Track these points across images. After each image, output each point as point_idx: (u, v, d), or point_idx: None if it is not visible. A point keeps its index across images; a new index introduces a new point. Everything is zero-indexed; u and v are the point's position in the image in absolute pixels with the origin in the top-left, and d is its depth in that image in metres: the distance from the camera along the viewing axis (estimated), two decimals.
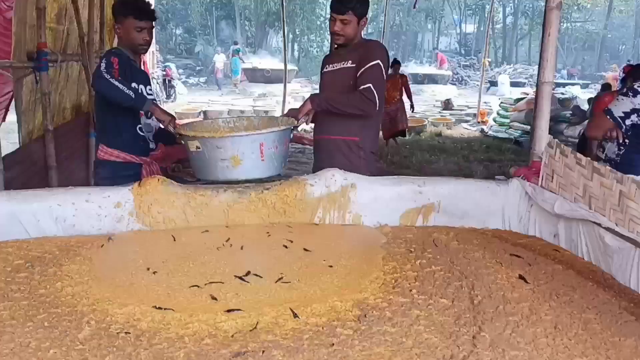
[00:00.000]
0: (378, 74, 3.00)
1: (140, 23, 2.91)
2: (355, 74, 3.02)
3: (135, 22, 2.90)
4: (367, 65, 2.98)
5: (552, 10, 2.56)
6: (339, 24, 2.96)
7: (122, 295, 1.87)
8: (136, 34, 2.93)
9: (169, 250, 2.28)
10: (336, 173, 2.68)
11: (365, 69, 2.98)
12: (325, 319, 1.71)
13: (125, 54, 2.99)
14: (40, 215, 2.41)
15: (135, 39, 2.95)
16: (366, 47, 3.08)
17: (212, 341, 1.58)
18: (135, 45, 2.99)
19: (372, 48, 3.07)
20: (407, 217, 2.70)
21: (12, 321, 1.68)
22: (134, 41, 2.96)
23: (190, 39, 35.39)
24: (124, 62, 2.91)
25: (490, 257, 2.25)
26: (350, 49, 3.09)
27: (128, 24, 2.91)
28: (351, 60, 3.05)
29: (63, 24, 5.02)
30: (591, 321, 1.72)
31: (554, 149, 2.49)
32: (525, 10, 39.78)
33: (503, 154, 10.06)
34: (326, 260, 2.19)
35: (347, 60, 3.07)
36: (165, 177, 2.64)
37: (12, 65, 3.63)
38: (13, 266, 2.10)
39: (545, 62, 2.61)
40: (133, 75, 2.98)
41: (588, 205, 2.25)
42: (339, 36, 3.01)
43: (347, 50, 3.10)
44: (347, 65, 3.06)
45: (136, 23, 2.90)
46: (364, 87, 2.94)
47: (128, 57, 2.99)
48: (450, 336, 1.60)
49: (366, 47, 3.08)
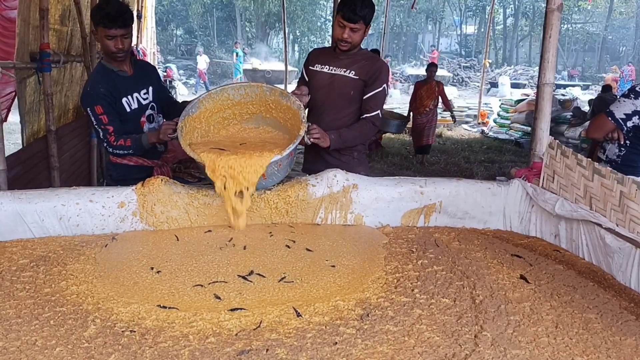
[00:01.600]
0: (384, 97, 3.06)
1: (110, 31, 2.76)
2: (358, 86, 3.01)
3: (105, 30, 2.76)
4: (376, 89, 2.99)
5: (552, 12, 2.57)
6: (349, 31, 2.91)
7: (126, 294, 1.89)
8: (107, 42, 2.80)
9: (172, 250, 2.29)
10: (338, 173, 2.70)
11: (374, 93, 2.99)
12: (328, 318, 1.73)
13: (108, 67, 2.92)
14: (45, 215, 2.42)
15: (107, 47, 2.82)
16: (373, 65, 3.02)
17: (217, 339, 1.59)
18: (109, 54, 2.88)
19: (380, 70, 3.02)
20: (409, 218, 2.71)
21: (18, 319, 1.70)
22: (106, 49, 2.85)
23: (191, 40, 35.40)
24: (107, 84, 2.85)
25: (492, 257, 2.27)
26: (351, 57, 3.04)
27: (100, 32, 2.80)
28: (354, 72, 3.00)
29: (67, 25, 5.04)
30: (592, 321, 1.74)
31: (555, 150, 2.50)
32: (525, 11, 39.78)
33: (503, 155, 10.07)
34: (328, 260, 2.21)
35: (349, 70, 3.01)
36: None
37: (15, 66, 3.64)
38: (18, 265, 2.12)
39: (546, 64, 2.62)
40: (121, 90, 2.91)
41: (589, 206, 2.26)
42: (346, 43, 2.95)
43: (348, 57, 3.04)
44: (349, 75, 3.01)
45: (106, 31, 2.76)
46: (374, 114, 2.99)
47: (111, 71, 2.92)
48: (452, 335, 1.62)
49: (373, 65, 3.02)
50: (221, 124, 2.84)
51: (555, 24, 2.58)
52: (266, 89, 2.76)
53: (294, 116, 2.69)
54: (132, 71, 3.01)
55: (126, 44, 2.85)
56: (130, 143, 2.84)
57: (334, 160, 3.06)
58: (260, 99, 2.80)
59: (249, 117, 2.87)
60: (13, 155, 3.80)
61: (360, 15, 2.85)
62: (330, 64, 3.08)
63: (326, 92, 3.07)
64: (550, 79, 2.64)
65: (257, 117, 2.87)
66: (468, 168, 8.69)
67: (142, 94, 3.03)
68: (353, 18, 2.85)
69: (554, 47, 2.61)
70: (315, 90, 3.08)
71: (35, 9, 4.05)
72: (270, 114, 2.83)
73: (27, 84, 4.09)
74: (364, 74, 3.00)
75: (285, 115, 2.77)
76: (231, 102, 2.80)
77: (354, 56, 3.04)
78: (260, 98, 2.80)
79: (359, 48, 3.07)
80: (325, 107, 3.07)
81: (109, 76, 2.91)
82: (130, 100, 2.96)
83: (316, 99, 3.07)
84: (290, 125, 2.76)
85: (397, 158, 9.32)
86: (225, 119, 2.84)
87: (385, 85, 3.03)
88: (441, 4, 41.06)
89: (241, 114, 2.86)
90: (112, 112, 2.85)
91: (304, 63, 3.30)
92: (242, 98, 2.80)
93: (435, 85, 8.80)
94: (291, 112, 2.71)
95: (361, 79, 3.00)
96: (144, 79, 3.08)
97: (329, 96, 3.06)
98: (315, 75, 3.13)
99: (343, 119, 3.03)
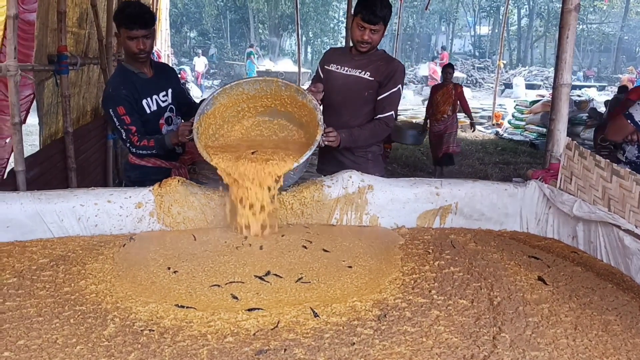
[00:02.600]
0: (398, 98, 3.05)
1: (132, 32, 2.80)
2: (372, 87, 3.00)
3: (127, 31, 2.81)
4: (391, 90, 2.98)
5: (569, 12, 2.56)
6: (369, 33, 2.90)
7: (144, 294, 1.91)
8: (129, 42, 2.84)
9: (188, 250, 2.31)
10: (353, 174, 2.70)
11: (389, 94, 2.98)
12: (345, 318, 1.73)
13: (129, 69, 2.96)
14: (64, 215, 2.45)
15: (130, 47, 2.86)
16: (389, 66, 3.01)
17: (235, 339, 1.60)
18: (131, 55, 2.92)
19: (395, 71, 3.00)
20: (424, 219, 2.71)
21: (39, 318, 1.73)
22: (128, 50, 2.90)
23: (204, 42, 35.59)
24: (128, 86, 2.89)
25: (509, 258, 2.26)
26: (367, 57, 3.03)
27: (122, 33, 2.85)
28: (369, 73, 2.99)
29: (84, 28, 5.10)
30: (611, 322, 1.72)
31: (573, 151, 2.48)
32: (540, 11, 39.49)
33: (518, 156, 9.99)
34: (345, 260, 2.21)
35: (364, 71, 3.00)
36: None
37: (33, 68, 3.69)
38: (38, 265, 2.15)
39: (562, 64, 2.61)
40: (141, 91, 2.95)
41: (607, 208, 2.24)
42: (366, 44, 2.94)
43: (364, 57, 3.03)
44: (364, 76, 3.00)
45: (128, 32, 2.81)
46: (387, 115, 2.98)
47: (132, 73, 2.96)
48: (471, 336, 1.61)
49: (389, 66, 3.01)
50: (235, 117, 2.83)
51: (572, 24, 2.57)
52: (282, 84, 2.72)
53: (310, 114, 2.67)
54: (151, 73, 3.05)
55: (148, 45, 2.89)
56: (153, 143, 2.85)
57: (348, 162, 3.06)
58: (275, 94, 2.78)
59: (263, 110, 2.86)
60: (31, 156, 3.84)
61: (380, 16, 2.85)
62: (346, 65, 3.07)
63: (341, 92, 3.06)
64: (567, 80, 2.62)
65: (272, 110, 2.85)
66: (483, 169, 8.64)
67: (161, 96, 3.06)
68: (373, 20, 2.85)
69: (571, 48, 2.59)
70: (330, 91, 3.06)
71: (54, 12, 4.09)
72: (285, 108, 2.82)
73: (45, 86, 4.14)
74: (379, 75, 2.99)
75: (300, 111, 2.76)
76: (246, 96, 2.78)
77: (369, 57, 3.03)
78: (275, 92, 2.77)
79: (375, 49, 3.06)
80: (340, 107, 3.06)
81: (129, 78, 2.94)
82: (150, 102, 3.00)
83: (331, 99, 3.06)
84: (306, 122, 2.76)
85: (412, 160, 9.30)
86: (239, 111, 2.83)
87: (400, 85, 3.02)
88: (455, 4, 40.84)
89: (255, 107, 2.84)
90: (134, 113, 2.88)
91: (319, 61, 3.30)
92: (257, 92, 2.77)
93: (453, 88, 7.75)
94: (307, 110, 2.70)
95: (376, 79, 2.99)
96: (163, 81, 3.11)
97: (344, 97, 3.05)
98: (330, 75, 3.12)
99: (358, 119, 3.03)
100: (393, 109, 3.01)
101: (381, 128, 2.99)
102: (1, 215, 2.38)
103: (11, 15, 2.86)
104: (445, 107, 7.66)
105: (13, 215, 2.39)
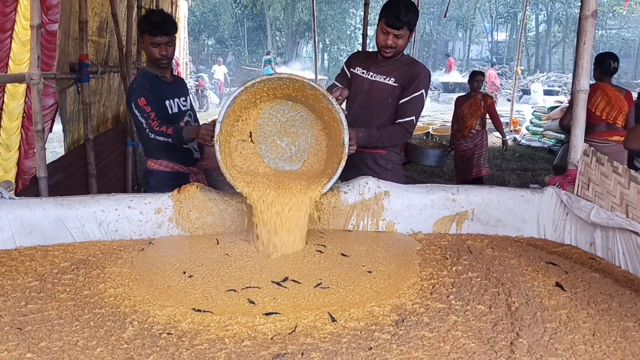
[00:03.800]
0: (421, 104, 2.97)
1: (156, 39, 2.93)
2: (395, 93, 2.96)
3: (151, 38, 2.93)
4: (413, 94, 2.92)
5: (587, 19, 2.55)
6: (393, 38, 2.85)
7: (161, 297, 1.94)
8: (153, 49, 2.96)
9: (204, 255, 2.33)
10: (370, 181, 2.71)
11: (410, 98, 2.93)
12: (363, 323, 1.74)
13: (152, 73, 3.06)
14: (85, 220, 2.50)
15: (153, 54, 2.98)
16: (412, 70, 2.97)
17: (252, 343, 1.62)
18: (154, 61, 3.03)
19: (419, 75, 2.95)
20: (441, 225, 2.71)
21: (59, 320, 1.76)
22: (151, 56, 3.00)
23: (222, 49, 35.89)
24: (151, 84, 2.98)
25: (526, 264, 2.25)
26: (392, 63, 2.99)
27: (146, 40, 2.97)
28: (394, 79, 2.96)
29: (105, 37, 5.20)
30: (630, 329, 1.71)
31: (590, 157, 2.47)
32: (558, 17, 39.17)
33: (536, 162, 9.91)
34: (365, 265, 2.22)
35: (389, 77, 2.97)
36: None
37: (56, 76, 3.77)
38: (60, 268, 2.19)
39: (580, 70, 2.59)
40: (163, 93, 3.04)
41: (625, 214, 2.22)
42: (391, 49, 2.90)
43: (389, 63, 3.00)
44: (389, 82, 2.97)
45: (152, 39, 2.93)
46: (408, 120, 2.93)
47: (155, 76, 3.05)
48: (488, 342, 1.61)
49: (412, 70, 2.97)
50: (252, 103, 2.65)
51: (589, 31, 2.56)
52: (307, 83, 2.51)
53: (333, 120, 2.54)
54: (172, 79, 3.18)
55: (170, 51, 3.02)
56: (171, 132, 2.84)
57: (368, 171, 2.99)
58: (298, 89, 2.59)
59: (282, 96, 2.68)
60: (54, 162, 3.92)
61: (404, 21, 2.80)
62: (371, 70, 3.04)
63: (365, 98, 3.05)
64: (585, 86, 2.60)
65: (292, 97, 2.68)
66: (500, 176, 8.58)
67: (182, 100, 3.18)
68: (397, 24, 2.80)
69: (589, 54, 2.58)
70: (355, 94, 3.07)
71: (75, 21, 4.19)
72: (306, 99, 2.64)
73: (67, 94, 4.23)
74: (402, 79, 2.95)
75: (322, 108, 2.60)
76: (267, 88, 2.59)
77: (395, 62, 2.99)
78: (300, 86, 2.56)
79: (401, 54, 3.02)
80: (364, 112, 3.06)
81: (153, 80, 3.04)
82: (172, 103, 3.10)
83: (355, 102, 3.07)
84: (327, 119, 2.62)
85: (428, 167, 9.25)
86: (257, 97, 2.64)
87: (423, 91, 2.95)
88: (472, 11, 40.71)
89: (275, 94, 2.65)
90: (155, 104, 2.94)
91: (345, 61, 3.26)
92: (279, 85, 2.59)
93: (482, 99, 6.75)
94: (330, 114, 2.55)
95: (400, 85, 2.95)
96: (182, 88, 3.25)
97: (367, 102, 3.04)
98: (356, 78, 3.10)
99: (378, 124, 2.99)
100: (414, 115, 2.94)
101: (400, 133, 2.95)
102: (25, 220, 2.43)
103: (34, 25, 2.93)
104: (472, 121, 6.72)
105: (36, 221, 2.44)
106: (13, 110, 3.53)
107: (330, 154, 2.65)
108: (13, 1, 3.12)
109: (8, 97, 3.50)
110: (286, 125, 2.73)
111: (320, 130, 2.72)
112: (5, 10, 3.12)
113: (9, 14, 3.16)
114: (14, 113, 3.54)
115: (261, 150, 2.70)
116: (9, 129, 3.54)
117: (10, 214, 2.42)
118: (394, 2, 2.82)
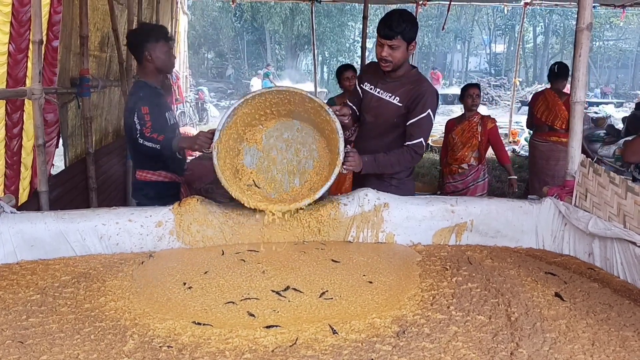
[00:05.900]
0: (429, 125, 2.91)
1: (169, 44, 3.12)
2: (401, 112, 2.93)
3: (167, 44, 3.10)
4: (419, 116, 2.87)
5: (582, 31, 2.58)
6: (387, 49, 2.81)
7: (161, 310, 1.95)
8: (167, 55, 3.13)
9: (204, 267, 2.34)
10: (369, 193, 2.72)
11: (417, 120, 2.87)
12: (364, 335, 1.74)
13: (151, 85, 3.11)
14: (86, 234, 2.51)
15: (169, 60, 3.15)
16: (417, 90, 2.89)
17: (253, 356, 1.62)
18: (168, 66, 3.18)
19: (424, 95, 2.87)
20: (440, 236, 2.72)
21: (60, 334, 1.77)
22: (167, 62, 3.15)
23: (222, 63, 36.04)
24: (152, 98, 3.04)
25: (526, 274, 2.26)
26: (397, 80, 2.96)
27: (160, 47, 3.08)
28: (399, 98, 2.91)
29: (106, 51, 5.23)
30: (629, 338, 1.71)
31: (587, 168, 2.49)
32: (556, 29, 39.39)
33: None
34: (366, 275, 2.23)
35: (394, 96, 2.93)
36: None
37: (57, 91, 3.79)
38: (61, 282, 2.20)
39: (576, 82, 2.62)
40: (162, 105, 3.14)
41: (622, 224, 2.24)
42: (387, 62, 2.85)
43: (394, 80, 2.96)
44: (394, 102, 2.93)
45: (167, 46, 3.11)
46: (416, 142, 2.87)
47: (155, 88, 3.13)
48: (488, 352, 1.61)
49: (417, 90, 2.89)
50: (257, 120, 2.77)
51: (585, 43, 2.59)
52: (306, 96, 2.59)
53: (332, 132, 2.61)
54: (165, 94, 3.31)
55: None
56: (162, 139, 2.88)
57: (372, 187, 2.86)
58: (299, 103, 2.67)
59: (286, 114, 2.77)
60: (55, 176, 3.93)
61: (397, 31, 2.76)
62: (379, 86, 3.01)
63: (373, 115, 3.04)
64: (581, 97, 2.63)
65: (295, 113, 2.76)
66: (499, 187, 8.59)
67: (176, 113, 3.23)
68: (389, 34, 2.77)
69: (584, 66, 2.60)
70: (365, 110, 3.07)
71: (76, 36, 4.22)
72: (308, 115, 2.72)
73: (69, 108, 4.25)
74: (407, 100, 2.90)
75: (323, 123, 2.68)
76: (269, 103, 2.69)
77: (400, 79, 2.96)
78: (299, 102, 2.67)
79: (406, 68, 2.97)
80: (372, 130, 3.05)
81: (152, 91, 3.11)
82: (170, 115, 3.18)
83: (365, 117, 3.08)
84: (327, 135, 2.72)
85: (427, 178, 9.27)
86: (261, 115, 2.74)
87: (430, 110, 2.88)
88: (470, 23, 40.96)
89: (279, 111, 2.74)
90: (156, 116, 3.00)
91: (358, 75, 3.28)
92: (280, 100, 2.68)
93: (479, 122, 5.03)
94: (329, 127, 2.62)
95: (404, 105, 2.91)
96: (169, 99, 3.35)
97: (375, 119, 3.03)
98: (365, 94, 3.09)
99: (387, 145, 2.96)
100: (423, 136, 2.88)
101: (408, 156, 2.88)
102: (26, 234, 2.45)
103: (36, 40, 2.96)
104: (464, 152, 5.01)
105: (38, 235, 2.45)
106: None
107: (331, 167, 2.68)
108: (27, 21, 3.17)
109: None
110: (290, 142, 2.83)
111: (324, 148, 2.79)
112: (21, 30, 3.17)
113: (24, 34, 3.21)
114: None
115: (264, 190, 2.81)
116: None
117: (11, 228, 2.44)
118: (388, 14, 2.83)
